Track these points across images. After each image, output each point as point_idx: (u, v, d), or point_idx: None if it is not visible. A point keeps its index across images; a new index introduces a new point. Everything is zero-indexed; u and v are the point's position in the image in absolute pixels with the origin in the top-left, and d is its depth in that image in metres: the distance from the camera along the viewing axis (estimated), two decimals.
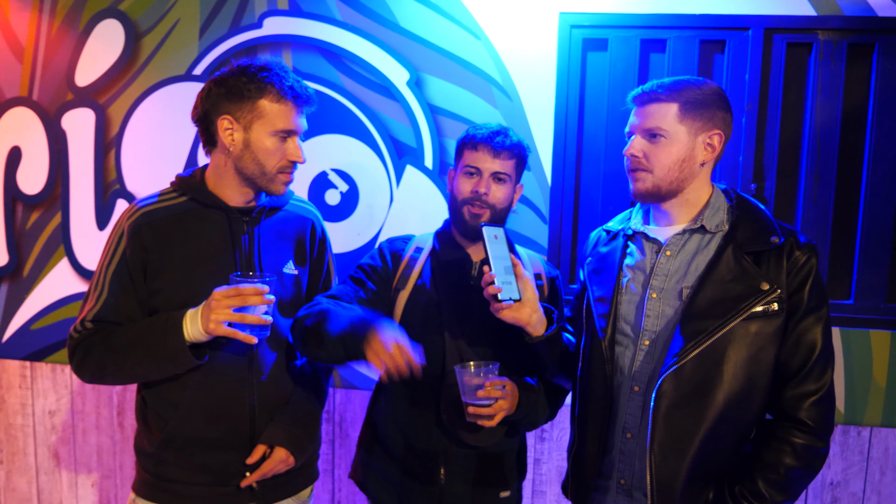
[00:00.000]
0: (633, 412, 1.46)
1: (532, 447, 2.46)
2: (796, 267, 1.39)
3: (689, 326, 1.39)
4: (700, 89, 1.44)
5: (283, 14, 2.42)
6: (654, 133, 1.44)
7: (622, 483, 1.48)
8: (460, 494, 1.67)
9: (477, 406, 1.50)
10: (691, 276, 1.44)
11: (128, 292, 1.55)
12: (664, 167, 1.44)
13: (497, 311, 1.48)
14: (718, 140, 1.45)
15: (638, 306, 1.49)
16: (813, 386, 1.37)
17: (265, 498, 1.65)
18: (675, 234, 1.48)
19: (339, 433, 2.56)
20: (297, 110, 1.56)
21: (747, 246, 1.41)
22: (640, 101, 1.47)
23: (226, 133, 1.53)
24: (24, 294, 2.65)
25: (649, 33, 2.29)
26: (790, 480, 1.37)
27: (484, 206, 1.65)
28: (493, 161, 1.64)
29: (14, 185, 2.60)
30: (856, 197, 2.30)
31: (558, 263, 2.38)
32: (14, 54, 2.55)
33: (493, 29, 2.34)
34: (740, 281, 1.39)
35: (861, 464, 2.32)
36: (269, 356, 1.63)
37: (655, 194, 1.47)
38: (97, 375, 1.56)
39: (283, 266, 1.66)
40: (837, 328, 2.28)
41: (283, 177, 1.58)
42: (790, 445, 1.36)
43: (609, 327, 1.50)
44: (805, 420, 1.36)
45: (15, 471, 2.76)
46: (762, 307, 1.37)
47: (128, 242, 1.55)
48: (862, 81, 2.27)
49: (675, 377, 1.39)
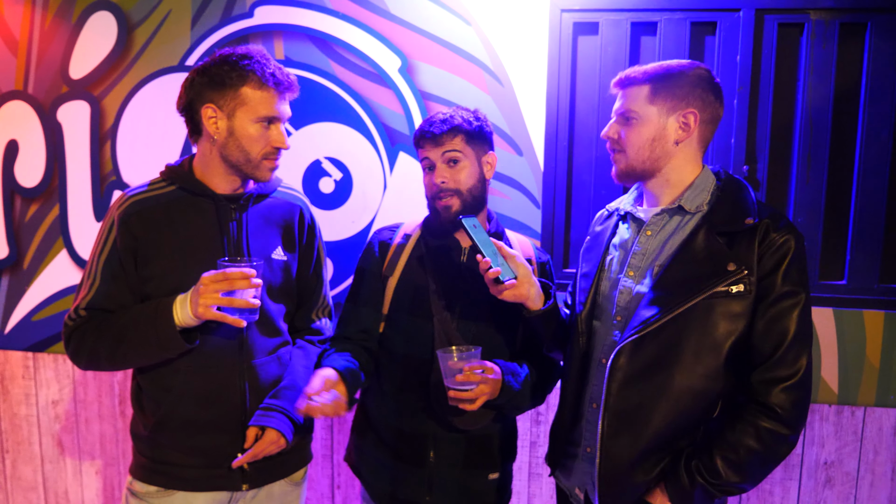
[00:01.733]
0: (597, 383, 1.51)
1: (528, 430, 2.48)
2: (770, 249, 1.36)
3: (652, 302, 1.40)
4: (675, 70, 1.44)
5: (275, 3, 2.42)
6: (626, 115, 1.47)
7: (588, 451, 1.53)
8: (449, 476, 1.70)
9: (457, 390, 1.53)
10: (665, 255, 1.45)
11: (119, 280, 1.58)
12: (634, 147, 1.46)
13: (499, 293, 1.51)
14: (694, 119, 1.44)
15: (615, 283, 1.52)
16: (784, 372, 1.35)
17: (258, 480, 1.68)
18: (655, 215, 1.50)
19: (336, 419, 2.59)
20: (280, 97, 1.57)
21: (721, 227, 1.40)
22: (620, 86, 1.51)
23: (210, 122, 1.55)
24: (25, 286, 2.68)
25: (640, 16, 2.29)
26: (750, 463, 1.35)
27: (450, 194, 1.65)
28: (437, 146, 1.66)
29: (12, 179, 2.63)
30: (848, 177, 2.29)
31: (551, 248, 2.39)
32: (8, 48, 2.57)
33: (483, 14, 2.33)
34: (708, 261, 1.38)
35: (855, 443, 2.34)
36: (260, 340, 1.65)
37: (631, 174, 1.50)
38: (92, 362, 1.59)
39: (272, 252, 1.68)
40: (831, 308, 2.29)
41: (267, 163, 1.59)
42: (754, 428, 1.35)
43: (588, 302, 1.55)
44: (773, 406, 1.34)
45: (20, 459, 2.80)
46: (725, 287, 1.35)
47: (118, 231, 1.57)
48: (854, 61, 2.26)
49: (631, 351, 1.41)
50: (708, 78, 1.46)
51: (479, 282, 1.68)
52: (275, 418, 1.60)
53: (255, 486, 1.68)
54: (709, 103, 1.45)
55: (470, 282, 1.70)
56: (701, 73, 1.45)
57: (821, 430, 2.35)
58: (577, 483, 1.58)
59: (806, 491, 2.37)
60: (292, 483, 1.77)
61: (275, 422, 1.60)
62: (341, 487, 2.62)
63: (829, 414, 2.33)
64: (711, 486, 1.37)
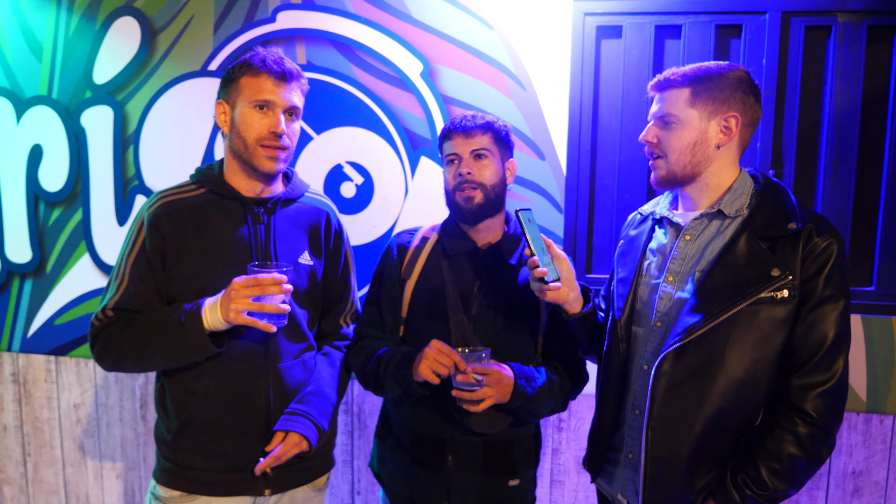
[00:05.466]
0: (640, 390, 1.49)
1: (550, 437, 2.46)
2: (814, 254, 1.35)
3: (695, 309, 1.39)
4: (715, 73, 1.43)
5: (297, 8, 2.43)
6: (665, 119, 1.46)
7: (630, 457, 1.53)
8: (468, 482, 1.69)
9: (460, 390, 1.53)
10: (706, 261, 1.43)
11: (147, 281, 1.58)
12: (676, 151, 1.45)
13: (541, 293, 1.51)
14: (735, 122, 1.42)
15: (654, 289, 1.50)
16: (821, 377, 1.34)
17: (281, 485, 1.67)
18: (694, 219, 1.48)
19: (357, 424, 2.58)
20: (278, 84, 1.56)
21: (763, 231, 1.39)
22: (657, 89, 1.49)
23: (221, 118, 1.60)
24: (48, 290, 2.70)
25: (664, 19, 2.27)
26: (793, 470, 1.35)
27: (473, 187, 1.66)
28: (467, 141, 1.66)
29: (36, 183, 2.65)
30: (877, 181, 2.26)
31: (574, 253, 2.37)
32: (33, 53, 2.59)
33: (506, 18, 2.33)
34: (751, 266, 1.37)
35: (884, 452, 2.29)
36: (286, 344, 1.65)
37: (672, 180, 1.48)
38: (117, 363, 1.60)
39: (299, 256, 1.68)
40: (859, 315, 2.25)
41: (263, 150, 1.57)
42: (793, 435, 1.35)
43: (627, 308, 1.54)
44: (810, 411, 1.34)
45: (42, 463, 2.81)
46: (770, 293, 1.34)
47: (147, 232, 1.58)
48: (883, 65, 2.23)
49: (675, 357, 1.40)
50: (747, 80, 1.44)
51: (496, 285, 1.67)
52: (299, 423, 1.60)
53: (277, 491, 1.68)
54: (749, 105, 1.44)
55: (487, 285, 1.69)
56: (741, 75, 1.44)
57: (849, 439, 2.30)
58: (618, 489, 1.57)
59: (833, 501, 2.33)
60: (315, 489, 1.76)
61: (299, 426, 1.60)
62: (361, 493, 2.61)
63: (857, 422, 2.29)
64: (761, 497, 1.36)
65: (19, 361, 2.76)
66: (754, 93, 1.44)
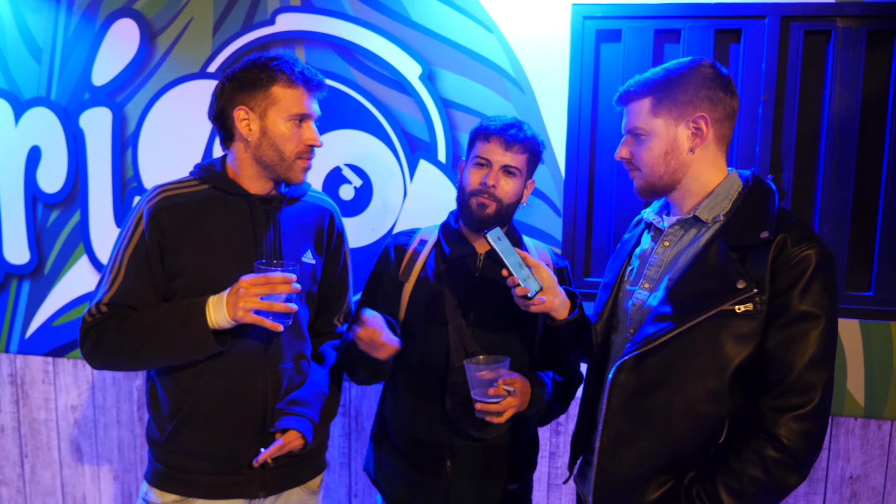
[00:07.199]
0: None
1: (547, 441, 2.45)
2: (787, 266, 1.25)
3: (657, 318, 1.33)
4: (674, 75, 1.36)
5: (296, 10, 2.43)
6: (633, 133, 1.42)
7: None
8: (467, 486, 1.68)
9: (486, 402, 1.51)
10: (677, 269, 1.37)
11: (144, 276, 1.55)
12: (648, 165, 1.41)
13: (527, 308, 1.50)
14: (705, 122, 1.35)
15: (629, 295, 1.47)
16: (796, 400, 1.23)
17: (275, 487, 1.67)
18: (672, 225, 1.44)
19: (354, 427, 2.58)
20: (309, 95, 1.58)
21: (734, 240, 1.30)
22: (620, 102, 1.45)
23: (243, 124, 1.55)
24: (46, 291, 2.70)
25: (663, 23, 2.27)
26: (754, 494, 1.25)
27: (491, 199, 1.64)
28: (505, 154, 1.63)
29: (34, 184, 2.64)
30: (875, 187, 2.25)
31: (572, 257, 2.37)
32: (32, 55, 2.59)
33: (505, 21, 2.32)
34: (718, 276, 1.28)
35: (881, 458, 2.29)
36: (285, 344, 1.65)
37: (651, 191, 1.45)
38: (109, 361, 1.57)
39: (303, 255, 1.67)
40: (857, 320, 2.25)
41: (301, 163, 1.59)
42: (759, 457, 1.24)
43: (605, 314, 1.51)
44: (781, 436, 1.23)
45: (39, 464, 2.81)
46: (731, 306, 1.25)
47: (147, 225, 1.55)
48: (882, 69, 2.22)
49: (632, 367, 1.34)
50: (713, 75, 1.36)
51: (494, 289, 1.67)
52: (295, 420, 1.60)
53: (271, 492, 1.67)
54: (718, 101, 1.36)
55: (486, 289, 1.68)
56: (704, 72, 1.36)
57: (846, 444, 2.30)
58: (588, 491, 1.54)
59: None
60: (309, 491, 1.76)
61: (294, 422, 1.59)
62: (359, 496, 2.61)
63: (854, 427, 2.29)
64: None
65: (17, 363, 2.76)
66: (723, 85, 1.36)
